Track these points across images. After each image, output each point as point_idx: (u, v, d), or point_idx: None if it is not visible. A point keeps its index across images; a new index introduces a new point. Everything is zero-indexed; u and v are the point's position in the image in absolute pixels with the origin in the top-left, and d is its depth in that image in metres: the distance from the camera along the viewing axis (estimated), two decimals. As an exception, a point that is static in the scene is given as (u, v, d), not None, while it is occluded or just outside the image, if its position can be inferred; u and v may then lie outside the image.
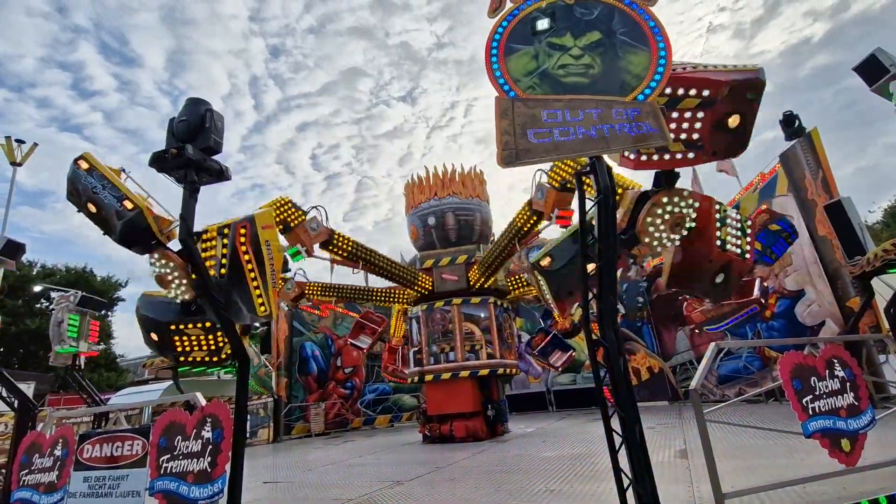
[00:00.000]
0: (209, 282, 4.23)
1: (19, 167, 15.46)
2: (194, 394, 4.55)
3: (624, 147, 3.28)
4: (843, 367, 4.24)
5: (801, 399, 3.97)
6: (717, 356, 4.38)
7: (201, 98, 4.12)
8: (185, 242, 3.99)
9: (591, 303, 3.95)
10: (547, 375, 19.50)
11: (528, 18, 3.66)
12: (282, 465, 10.18)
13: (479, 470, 7.15)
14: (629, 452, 3.50)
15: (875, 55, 6.70)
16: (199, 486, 3.96)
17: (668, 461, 6.29)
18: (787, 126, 11.89)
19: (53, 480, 4.67)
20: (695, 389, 3.95)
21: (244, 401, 4.27)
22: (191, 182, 4.02)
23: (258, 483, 7.56)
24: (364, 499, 5.80)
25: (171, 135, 4.08)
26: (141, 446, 4.37)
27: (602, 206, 3.57)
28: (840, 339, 7.25)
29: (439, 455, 9.19)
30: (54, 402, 19.65)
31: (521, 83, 3.45)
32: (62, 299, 11.79)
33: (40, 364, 23.25)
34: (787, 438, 5.33)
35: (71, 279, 27.20)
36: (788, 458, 5.51)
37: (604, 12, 3.62)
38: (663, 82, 3.34)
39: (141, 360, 28.79)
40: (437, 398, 11.55)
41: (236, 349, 4.36)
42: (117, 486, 4.35)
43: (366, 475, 7.68)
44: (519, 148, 3.23)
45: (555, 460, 7.33)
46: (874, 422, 4.12)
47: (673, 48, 3.49)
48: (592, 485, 5.41)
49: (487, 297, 12.03)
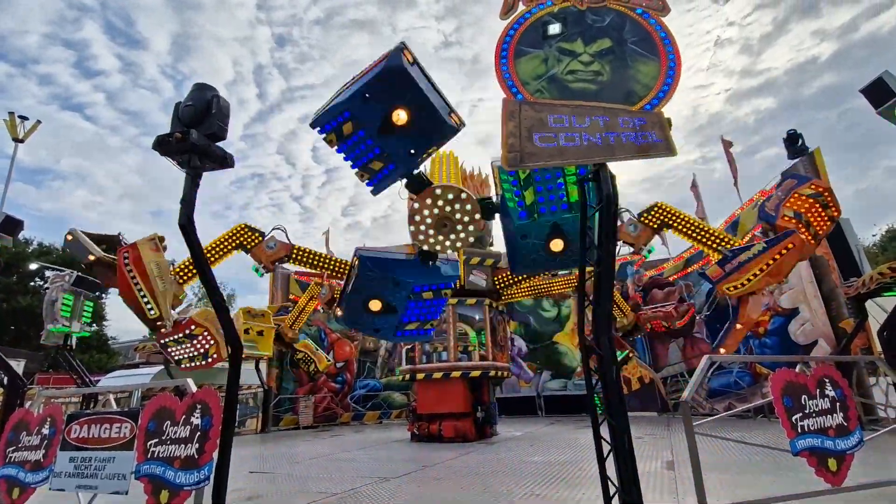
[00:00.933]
0: (207, 270, 4.23)
1: (21, 143, 15.39)
2: (185, 380, 4.54)
3: (628, 156, 3.29)
4: (833, 387, 4.26)
5: (790, 416, 3.99)
6: (709, 369, 4.38)
7: (208, 84, 4.11)
8: (185, 228, 3.97)
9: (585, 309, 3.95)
10: (538, 380, 19.52)
11: (540, 22, 3.66)
12: (269, 456, 10.17)
13: (466, 471, 7.15)
14: (617, 460, 3.50)
15: (882, 78, 6.74)
16: (185, 471, 3.95)
17: (654, 472, 6.30)
18: (790, 144, 11.94)
19: (39, 459, 4.65)
20: (686, 401, 3.96)
21: (235, 389, 4.25)
22: (193, 167, 4.00)
23: (244, 472, 7.55)
24: (349, 494, 5.79)
25: (176, 119, 4.06)
26: (129, 429, 4.35)
27: (604, 214, 3.57)
28: (833, 359, 7.29)
29: (427, 454, 9.19)
30: (43, 381, 19.59)
31: (530, 86, 3.45)
32: (57, 279, 11.75)
33: (31, 342, 23.16)
34: (775, 455, 5.35)
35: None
36: (775, 475, 5.53)
37: (615, 20, 3.62)
38: (671, 93, 3.35)
39: (133, 344, 28.71)
40: (428, 397, 11.55)
41: (231, 338, 4.35)
42: (103, 467, 4.33)
43: (352, 470, 7.67)
44: (524, 151, 3.24)
45: (542, 465, 7.34)
46: (862, 443, 4.14)
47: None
48: (578, 491, 5.41)
49: (483, 299, 12.04)
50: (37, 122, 15.96)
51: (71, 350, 11.80)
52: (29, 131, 15.71)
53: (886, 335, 7.33)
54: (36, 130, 15.83)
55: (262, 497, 5.80)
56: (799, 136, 11.83)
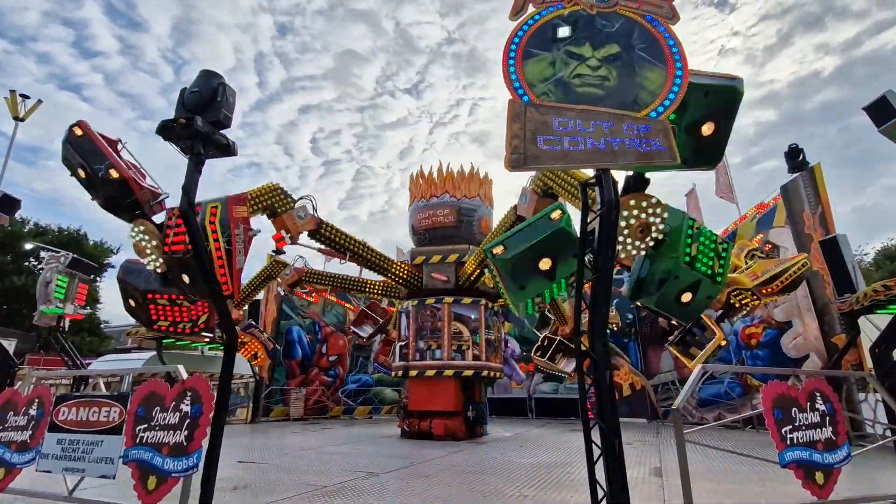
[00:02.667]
0: (204, 256, 4.21)
1: (21, 122, 15.30)
2: (176, 367, 4.52)
3: (631, 163, 3.30)
4: (824, 402, 4.29)
5: (780, 428, 4.01)
6: (701, 378, 4.40)
7: (215, 71, 4.10)
8: (186, 214, 3.96)
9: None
10: (529, 382, 19.56)
11: (549, 25, 3.66)
12: (258, 446, 10.15)
13: (455, 469, 7.16)
14: (607, 465, 3.51)
15: (886, 97, 6.77)
16: (173, 458, 3.94)
17: (642, 478, 6.33)
18: (791, 158, 11.99)
19: (26, 440, 4.63)
20: (677, 409, 3.98)
21: (229, 378, 4.24)
22: (196, 154, 3.99)
23: (233, 462, 7.53)
24: (337, 487, 5.79)
25: (181, 105, 4.05)
26: (118, 413, 4.34)
27: (604, 220, 3.58)
28: (824, 373, 7.33)
29: (416, 451, 9.20)
30: (34, 362, 19.51)
31: (536, 88, 3.45)
32: (52, 259, 11.70)
33: (23, 322, 23.05)
34: (762, 466, 5.38)
35: (63, 240, 26.94)
36: (762, 486, 5.56)
37: (624, 26, 3.62)
38: (677, 101, 3.35)
39: (125, 329, 28.56)
40: (420, 394, 11.56)
41: (227, 327, 4.34)
42: (91, 451, 4.31)
43: (341, 464, 7.67)
44: (528, 153, 3.24)
45: (530, 467, 7.35)
46: (850, 458, 4.17)
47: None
48: (566, 493, 5.43)
49: (479, 299, 12.05)
50: (38, 101, 15.87)
51: (63, 332, 11.74)
52: (30, 110, 15.62)
53: (879, 351, 7.38)
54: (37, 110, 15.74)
55: (249, 487, 5.79)
56: (800, 151, 11.88)
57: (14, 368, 10.66)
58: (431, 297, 12.00)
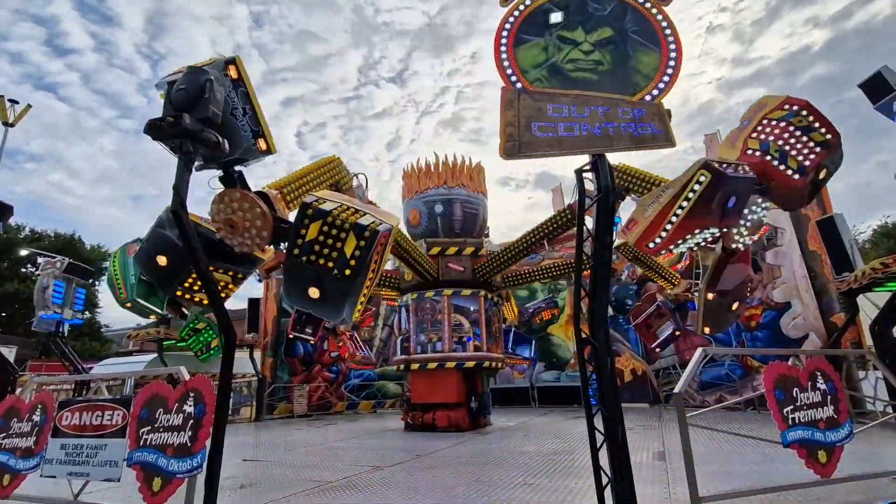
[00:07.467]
0: (201, 259, 4.16)
1: (11, 128, 15.13)
2: (178, 368, 4.51)
3: (627, 146, 3.26)
4: (825, 381, 4.30)
5: (782, 409, 4.02)
6: (702, 361, 4.40)
7: (202, 67, 4.03)
8: (177, 214, 3.91)
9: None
10: (532, 371, 19.63)
11: (541, 10, 3.61)
12: (263, 444, 10.18)
13: (460, 460, 7.19)
14: (610, 451, 3.52)
15: (881, 73, 6.73)
16: (177, 459, 3.94)
17: (646, 462, 6.36)
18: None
19: (30, 446, 4.63)
20: (679, 393, 3.98)
21: (229, 377, 4.23)
22: (186, 152, 3.94)
23: (238, 460, 7.55)
24: (343, 481, 5.81)
25: (168, 103, 3.98)
26: (121, 416, 4.34)
27: (601, 206, 3.55)
28: (824, 352, 7.35)
29: (420, 443, 9.23)
30: (35, 368, 19.48)
31: (529, 75, 3.41)
32: (49, 265, 11.64)
33: (24, 329, 23.00)
34: (765, 447, 5.41)
35: (59, 245, 26.84)
36: (765, 466, 5.60)
37: (617, 9, 3.57)
38: (672, 84, 3.32)
39: (125, 332, 28.54)
40: (422, 387, 11.58)
41: (224, 325, 4.31)
42: (95, 455, 4.31)
43: (346, 458, 7.70)
44: (522, 141, 3.20)
45: (535, 455, 7.39)
46: (851, 435, 4.19)
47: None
48: (571, 480, 5.46)
49: (478, 290, 12.04)
50: (27, 105, 15.70)
51: (63, 337, 11.72)
52: (19, 115, 15.46)
53: (879, 329, 7.41)
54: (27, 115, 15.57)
55: (255, 485, 5.81)
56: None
57: (14, 375, 10.64)
58: (431, 290, 11.99)
